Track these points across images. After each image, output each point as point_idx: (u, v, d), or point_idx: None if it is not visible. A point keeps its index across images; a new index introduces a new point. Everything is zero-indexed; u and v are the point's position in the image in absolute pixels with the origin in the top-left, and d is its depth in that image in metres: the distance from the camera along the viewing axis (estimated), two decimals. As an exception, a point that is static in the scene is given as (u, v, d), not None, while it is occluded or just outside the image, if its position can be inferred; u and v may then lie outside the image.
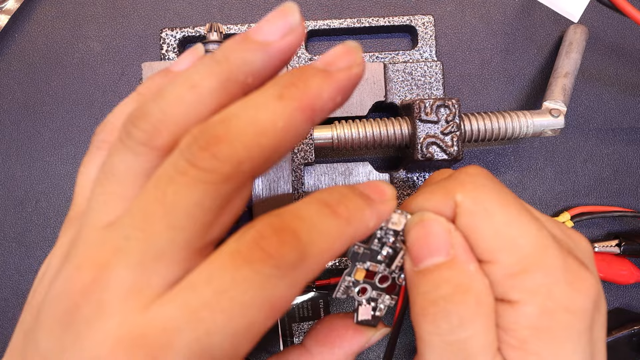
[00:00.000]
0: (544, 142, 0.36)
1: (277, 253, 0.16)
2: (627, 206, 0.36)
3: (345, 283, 0.22)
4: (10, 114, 0.36)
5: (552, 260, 0.19)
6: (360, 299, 0.22)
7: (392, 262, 0.21)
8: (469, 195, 0.20)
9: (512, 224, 0.19)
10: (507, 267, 0.19)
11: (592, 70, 0.36)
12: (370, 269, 0.21)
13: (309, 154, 0.30)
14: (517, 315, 0.19)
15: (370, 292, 0.22)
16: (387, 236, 0.21)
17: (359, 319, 0.22)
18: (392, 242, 0.21)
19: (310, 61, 0.34)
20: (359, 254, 0.21)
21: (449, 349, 0.19)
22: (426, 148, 0.30)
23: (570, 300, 0.19)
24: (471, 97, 0.36)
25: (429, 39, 0.35)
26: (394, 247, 0.21)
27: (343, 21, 0.34)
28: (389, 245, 0.21)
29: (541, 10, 0.36)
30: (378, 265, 0.21)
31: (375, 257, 0.21)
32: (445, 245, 0.20)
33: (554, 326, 0.18)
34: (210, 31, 0.28)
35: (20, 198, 0.35)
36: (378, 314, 0.22)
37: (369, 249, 0.21)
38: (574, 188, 0.36)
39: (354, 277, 0.21)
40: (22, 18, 0.36)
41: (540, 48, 0.36)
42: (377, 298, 0.22)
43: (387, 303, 0.22)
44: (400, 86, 0.33)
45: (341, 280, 0.22)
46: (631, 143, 0.36)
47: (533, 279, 0.18)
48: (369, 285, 0.22)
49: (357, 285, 0.22)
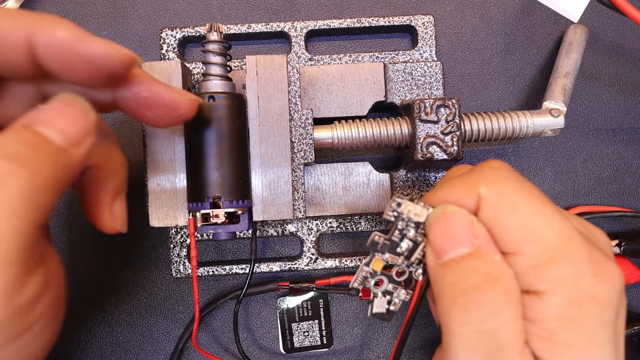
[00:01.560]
0: (544, 142, 0.36)
1: None
2: (627, 206, 0.36)
3: (362, 273, 0.21)
4: (10, 114, 0.36)
5: (577, 251, 0.19)
6: (376, 290, 0.21)
7: (412, 255, 0.21)
8: (493, 187, 0.20)
9: (536, 215, 0.19)
10: (532, 257, 0.19)
11: (592, 70, 0.36)
12: (389, 260, 0.21)
13: (309, 154, 0.30)
14: (544, 306, 0.18)
15: (386, 285, 0.21)
16: (407, 228, 0.21)
17: (373, 312, 0.22)
18: (413, 235, 0.21)
19: (310, 61, 0.34)
20: (379, 243, 0.21)
21: (480, 339, 0.18)
22: (426, 148, 0.30)
23: (597, 291, 0.18)
24: (471, 97, 0.36)
25: (429, 39, 0.35)
26: (414, 240, 0.21)
27: (343, 21, 0.34)
28: (409, 237, 0.21)
29: (541, 10, 0.36)
30: (397, 257, 0.21)
31: (395, 249, 0.21)
32: (470, 236, 0.20)
33: (581, 316, 0.18)
34: (210, 31, 0.28)
35: (20, 198, 0.35)
36: (392, 308, 0.22)
37: (389, 239, 0.21)
38: (574, 188, 0.36)
39: (372, 267, 0.21)
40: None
41: (540, 48, 0.36)
42: (392, 292, 0.21)
43: (402, 297, 0.22)
44: (400, 86, 0.33)
45: (359, 270, 0.21)
46: (631, 143, 0.36)
47: (559, 269, 0.18)
48: (386, 277, 0.21)
49: (374, 277, 0.21)
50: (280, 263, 0.34)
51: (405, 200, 0.21)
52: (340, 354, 0.35)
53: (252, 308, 0.35)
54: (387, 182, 0.33)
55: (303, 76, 0.33)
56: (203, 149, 0.27)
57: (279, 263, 0.34)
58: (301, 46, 0.34)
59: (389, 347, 0.35)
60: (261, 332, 0.35)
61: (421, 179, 0.33)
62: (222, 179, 0.27)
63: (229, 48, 0.28)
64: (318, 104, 0.33)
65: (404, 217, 0.20)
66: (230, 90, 0.28)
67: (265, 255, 0.36)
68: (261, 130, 0.29)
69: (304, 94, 0.33)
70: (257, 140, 0.29)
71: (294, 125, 0.30)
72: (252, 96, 0.29)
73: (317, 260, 0.34)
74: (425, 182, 0.33)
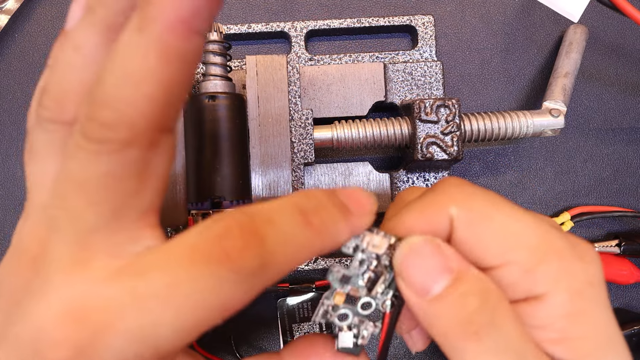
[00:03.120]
0: (544, 142, 0.36)
1: (238, 256, 0.15)
2: (627, 206, 0.36)
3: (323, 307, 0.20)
4: (10, 114, 0.36)
5: (558, 243, 0.19)
6: (341, 324, 0.20)
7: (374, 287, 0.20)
8: (464, 206, 0.19)
9: (511, 222, 0.19)
10: (522, 264, 0.18)
11: (592, 70, 0.36)
12: (350, 293, 0.20)
13: (309, 154, 0.30)
14: (549, 308, 0.18)
15: (352, 319, 0.20)
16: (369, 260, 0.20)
17: (339, 346, 0.20)
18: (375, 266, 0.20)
19: (310, 61, 0.34)
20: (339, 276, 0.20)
21: (504, 357, 0.18)
22: (426, 148, 0.30)
23: (588, 274, 0.18)
24: (471, 97, 0.36)
25: (429, 39, 0.35)
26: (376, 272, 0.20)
27: (343, 21, 0.34)
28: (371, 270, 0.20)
29: (541, 10, 0.36)
30: (359, 289, 0.20)
31: (357, 282, 0.20)
32: (446, 262, 0.19)
33: (586, 304, 0.18)
34: (210, 31, 0.28)
35: (20, 198, 0.35)
36: (360, 341, 0.20)
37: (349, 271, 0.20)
38: (574, 188, 0.36)
39: (334, 301, 0.20)
40: (22, 18, 0.36)
41: (540, 48, 0.36)
42: (359, 325, 0.20)
43: (370, 331, 0.20)
44: (400, 86, 0.33)
45: (320, 304, 0.20)
46: (631, 143, 0.36)
47: (550, 266, 0.18)
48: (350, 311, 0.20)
49: (337, 310, 0.20)
50: (280, 263, 0.34)
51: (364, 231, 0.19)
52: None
53: (252, 308, 0.35)
54: (387, 182, 0.33)
55: (303, 76, 0.33)
56: (203, 149, 0.27)
57: (279, 263, 0.34)
58: (301, 46, 0.34)
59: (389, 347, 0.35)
60: (261, 333, 0.35)
61: (421, 178, 0.33)
62: (222, 179, 0.27)
63: (229, 48, 0.28)
64: (318, 104, 0.33)
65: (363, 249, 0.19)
66: (230, 90, 0.28)
67: (265, 255, 0.36)
68: (261, 130, 0.29)
69: (304, 94, 0.33)
70: (257, 140, 0.29)
71: (294, 125, 0.30)
72: (252, 96, 0.29)
73: (317, 261, 0.34)
74: (425, 182, 0.33)
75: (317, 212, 0.17)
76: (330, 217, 0.17)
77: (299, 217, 0.16)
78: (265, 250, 0.15)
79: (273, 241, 0.16)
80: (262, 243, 0.15)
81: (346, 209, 0.18)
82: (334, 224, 0.17)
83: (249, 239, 0.15)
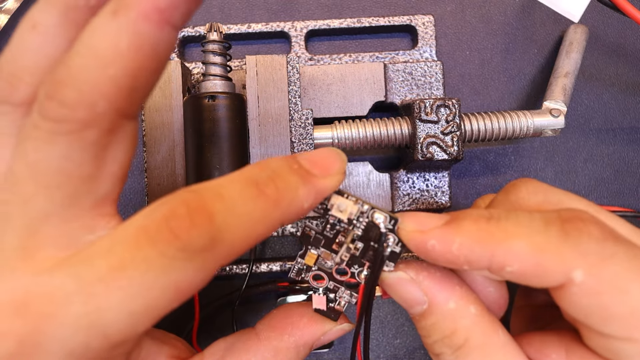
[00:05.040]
0: (544, 142, 0.36)
1: (185, 235, 0.14)
2: (627, 206, 0.36)
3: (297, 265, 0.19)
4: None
5: None
6: (316, 286, 0.20)
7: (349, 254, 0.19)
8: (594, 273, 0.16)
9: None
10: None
11: (592, 70, 0.36)
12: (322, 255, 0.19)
13: (309, 154, 0.30)
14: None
15: (327, 282, 0.20)
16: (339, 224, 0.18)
17: (314, 307, 0.20)
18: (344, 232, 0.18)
19: (310, 61, 0.34)
20: (311, 237, 0.19)
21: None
22: (426, 148, 0.30)
23: None
24: (471, 97, 0.36)
25: (429, 39, 0.34)
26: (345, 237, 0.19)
27: (343, 21, 0.34)
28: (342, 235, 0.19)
29: (541, 10, 0.36)
30: (332, 254, 0.19)
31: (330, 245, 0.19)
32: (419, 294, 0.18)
33: None
34: (210, 31, 0.28)
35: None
36: (337, 307, 0.20)
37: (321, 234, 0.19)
38: (574, 188, 0.36)
39: (304, 261, 0.19)
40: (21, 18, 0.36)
41: (540, 48, 0.36)
42: (335, 290, 0.20)
43: (346, 299, 0.20)
44: (401, 86, 0.33)
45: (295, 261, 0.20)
46: (632, 143, 0.36)
47: None
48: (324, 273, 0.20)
49: (309, 270, 0.19)
50: (280, 263, 0.34)
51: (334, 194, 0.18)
52: (340, 354, 0.35)
53: (252, 308, 0.35)
54: (387, 182, 0.33)
55: (303, 76, 0.33)
56: (203, 149, 0.27)
57: (279, 263, 0.34)
58: (301, 46, 0.34)
59: (389, 348, 0.35)
60: (261, 332, 0.35)
61: (421, 178, 0.33)
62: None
63: (228, 48, 0.28)
64: (318, 104, 0.33)
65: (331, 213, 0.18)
66: (230, 90, 0.28)
67: (265, 255, 0.36)
68: (261, 130, 0.29)
69: (304, 94, 0.33)
70: (257, 140, 0.29)
71: (294, 125, 0.30)
72: (252, 96, 0.29)
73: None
74: (425, 182, 0.33)
75: (271, 181, 0.16)
76: (286, 184, 0.16)
77: (252, 189, 0.16)
78: (215, 227, 0.15)
79: (222, 216, 0.15)
80: (211, 219, 0.15)
81: (306, 172, 0.17)
82: (292, 191, 0.16)
83: (195, 216, 0.14)
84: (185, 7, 0.14)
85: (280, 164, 0.17)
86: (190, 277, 0.15)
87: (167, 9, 0.14)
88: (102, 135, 0.15)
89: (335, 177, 0.17)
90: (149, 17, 0.14)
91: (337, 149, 0.18)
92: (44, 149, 0.15)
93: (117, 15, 0.14)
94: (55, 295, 0.14)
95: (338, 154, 0.18)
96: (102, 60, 0.14)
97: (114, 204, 0.16)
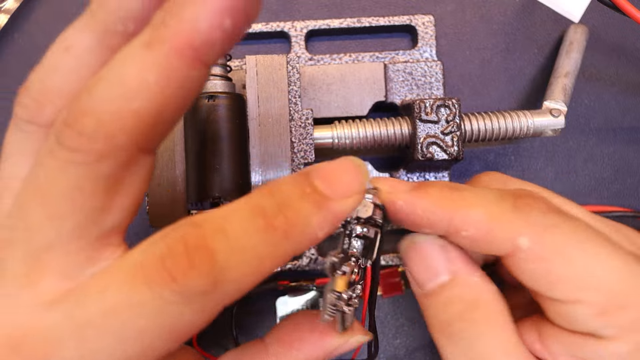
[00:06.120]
0: (545, 142, 0.36)
1: (182, 277, 0.13)
2: (627, 206, 0.36)
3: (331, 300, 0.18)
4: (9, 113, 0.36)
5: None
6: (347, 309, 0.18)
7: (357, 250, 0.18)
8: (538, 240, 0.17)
9: (594, 263, 0.17)
10: (595, 306, 0.17)
11: (592, 70, 0.36)
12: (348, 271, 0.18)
13: (309, 154, 0.30)
14: (606, 351, 0.17)
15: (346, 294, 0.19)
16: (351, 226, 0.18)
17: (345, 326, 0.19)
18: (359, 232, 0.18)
19: (310, 61, 0.34)
20: (336, 262, 0.18)
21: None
22: (426, 148, 0.30)
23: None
24: (471, 97, 0.36)
25: (429, 39, 0.34)
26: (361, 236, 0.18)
27: (343, 21, 0.34)
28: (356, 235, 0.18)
29: (542, 10, 0.36)
30: (353, 263, 0.18)
31: (348, 256, 0.18)
32: (444, 264, 0.18)
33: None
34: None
35: (20, 198, 0.35)
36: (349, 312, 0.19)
37: (341, 250, 0.18)
38: (575, 188, 0.36)
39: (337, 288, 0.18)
40: (21, 18, 0.36)
41: (540, 48, 0.36)
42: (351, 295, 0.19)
43: (357, 293, 0.19)
44: (401, 86, 0.33)
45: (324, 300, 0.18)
46: (632, 143, 0.36)
47: (627, 316, 0.17)
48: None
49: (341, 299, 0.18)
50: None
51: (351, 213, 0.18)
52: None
53: (252, 307, 0.35)
54: (387, 182, 0.33)
55: (303, 76, 0.33)
56: (203, 149, 0.27)
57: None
58: (301, 46, 0.34)
59: (389, 347, 0.35)
60: (261, 331, 0.35)
61: (421, 178, 0.33)
62: (222, 179, 0.27)
63: (228, 48, 0.28)
64: (318, 104, 0.33)
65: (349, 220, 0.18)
66: (230, 90, 0.28)
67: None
68: (261, 130, 0.29)
69: (304, 94, 0.32)
70: (257, 140, 0.28)
71: (294, 125, 0.30)
72: (252, 96, 0.29)
73: (317, 260, 0.34)
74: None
75: (280, 211, 0.15)
76: (297, 214, 0.15)
77: (257, 221, 0.14)
78: (216, 267, 0.14)
79: (225, 255, 0.14)
80: (212, 258, 0.14)
81: (321, 197, 0.15)
82: (304, 221, 0.15)
83: (195, 256, 0.13)
84: (221, 46, 0.14)
85: (290, 190, 0.15)
86: (188, 321, 0.14)
87: (201, 47, 0.13)
88: (117, 168, 0.14)
89: (355, 197, 0.16)
90: (182, 53, 0.13)
91: (358, 160, 0.17)
92: (56, 177, 0.14)
93: (150, 48, 0.13)
94: (51, 335, 0.14)
95: (358, 167, 0.16)
96: (128, 92, 0.13)
97: (122, 235, 0.16)
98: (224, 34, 0.14)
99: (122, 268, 0.14)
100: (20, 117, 0.16)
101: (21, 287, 0.14)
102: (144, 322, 0.13)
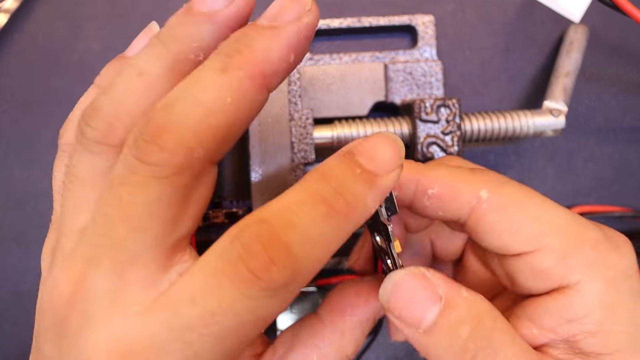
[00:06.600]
0: (545, 142, 0.36)
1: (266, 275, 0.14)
2: (628, 206, 0.36)
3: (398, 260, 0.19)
4: (9, 113, 0.36)
5: (593, 232, 0.18)
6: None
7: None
8: (496, 190, 0.19)
9: (545, 209, 0.19)
10: (557, 249, 0.18)
11: (592, 70, 0.36)
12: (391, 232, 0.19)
13: (309, 153, 0.30)
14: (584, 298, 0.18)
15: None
16: None
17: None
18: None
19: (310, 61, 0.34)
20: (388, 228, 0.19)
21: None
22: (426, 148, 0.30)
23: (624, 265, 0.18)
24: (471, 97, 0.36)
25: (430, 39, 0.34)
26: None
27: (343, 20, 0.34)
28: None
29: (542, 10, 0.36)
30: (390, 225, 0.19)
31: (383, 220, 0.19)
32: (433, 291, 0.18)
33: (622, 296, 0.18)
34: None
35: (19, 198, 0.35)
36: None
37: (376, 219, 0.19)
38: (575, 188, 0.36)
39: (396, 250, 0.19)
40: (21, 17, 0.36)
41: (541, 48, 0.36)
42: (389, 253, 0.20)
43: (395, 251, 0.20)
44: (401, 86, 0.33)
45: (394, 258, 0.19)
46: (632, 143, 0.36)
47: (585, 255, 0.18)
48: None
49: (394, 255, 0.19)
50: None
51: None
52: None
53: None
54: (387, 182, 0.33)
55: (303, 76, 0.32)
56: (203, 148, 0.27)
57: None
58: (301, 46, 0.34)
59: (389, 348, 0.35)
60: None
61: (421, 179, 0.33)
62: (222, 179, 0.27)
63: (228, 48, 0.28)
64: (318, 103, 0.33)
65: None
66: (230, 90, 0.28)
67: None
68: (261, 130, 0.29)
69: (304, 93, 0.32)
70: (257, 140, 0.28)
71: (294, 125, 0.30)
72: (252, 96, 0.29)
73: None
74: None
75: (339, 194, 0.15)
76: (354, 196, 0.16)
77: (320, 208, 0.15)
78: (293, 259, 0.15)
79: (299, 246, 0.15)
80: (288, 252, 0.14)
81: (370, 175, 0.16)
82: (362, 201, 0.16)
83: (272, 252, 0.14)
84: (283, 76, 0.17)
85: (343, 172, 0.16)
86: (275, 310, 0.15)
87: (270, 76, 0.16)
88: (192, 179, 0.15)
89: (397, 170, 0.17)
90: (255, 80, 0.15)
91: (392, 134, 0.17)
92: (137, 192, 0.15)
93: (227, 73, 0.15)
94: (154, 342, 0.14)
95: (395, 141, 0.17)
96: (207, 111, 0.15)
97: (188, 239, 0.17)
98: (288, 67, 0.16)
99: (204, 273, 0.15)
100: (91, 138, 0.17)
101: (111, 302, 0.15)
102: (238, 319, 0.15)
